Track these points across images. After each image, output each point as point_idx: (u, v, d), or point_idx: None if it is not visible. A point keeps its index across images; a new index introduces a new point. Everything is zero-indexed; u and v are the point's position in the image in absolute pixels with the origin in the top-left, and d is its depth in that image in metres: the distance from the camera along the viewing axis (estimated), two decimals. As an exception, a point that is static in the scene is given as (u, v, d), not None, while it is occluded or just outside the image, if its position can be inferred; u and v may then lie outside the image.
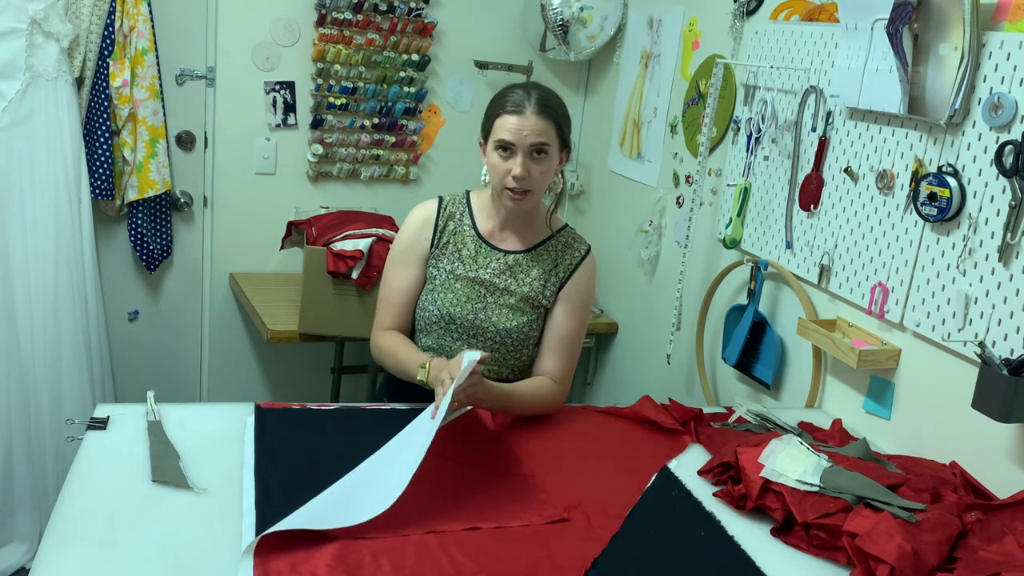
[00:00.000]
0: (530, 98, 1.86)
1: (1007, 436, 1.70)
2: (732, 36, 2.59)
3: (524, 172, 1.85)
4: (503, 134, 1.85)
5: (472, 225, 2.00)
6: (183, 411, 1.75)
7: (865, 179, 2.07)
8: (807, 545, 1.50)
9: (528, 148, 1.85)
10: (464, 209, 2.02)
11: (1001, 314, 1.71)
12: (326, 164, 3.23)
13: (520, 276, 1.98)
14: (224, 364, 3.30)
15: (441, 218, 2.00)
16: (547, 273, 1.98)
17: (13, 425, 2.64)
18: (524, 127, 1.84)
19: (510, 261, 1.98)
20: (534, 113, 1.85)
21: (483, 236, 2.00)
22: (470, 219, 2.01)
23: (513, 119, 1.85)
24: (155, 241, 3.05)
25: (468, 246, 1.99)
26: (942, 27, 1.79)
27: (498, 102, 1.90)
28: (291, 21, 3.07)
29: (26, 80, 2.53)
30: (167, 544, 1.33)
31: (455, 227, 2.00)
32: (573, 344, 2.00)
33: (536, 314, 1.99)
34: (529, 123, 1.84)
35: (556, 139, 1.88)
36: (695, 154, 2.71)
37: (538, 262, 1.99)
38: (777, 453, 1.63)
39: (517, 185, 1.87)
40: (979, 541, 1.47)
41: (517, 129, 1.84)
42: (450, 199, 2.03)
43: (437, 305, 1.96)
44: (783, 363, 2.35)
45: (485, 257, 1.98)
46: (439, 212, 2.01)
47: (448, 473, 1.64)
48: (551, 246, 2.01)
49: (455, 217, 2.01)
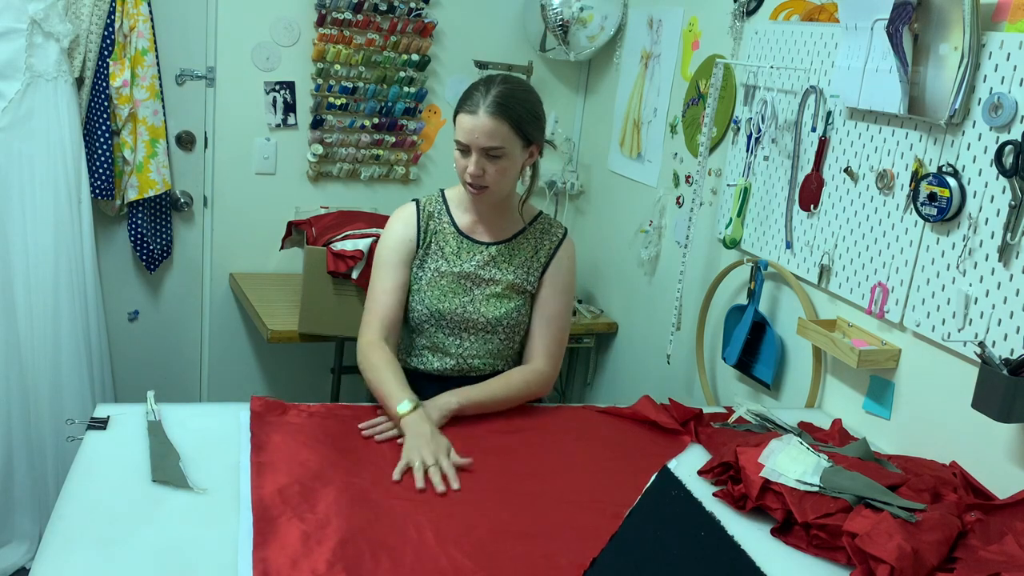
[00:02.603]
0: (486, 98, 1.86)
1: (1007, 436, 1.70)
2: (732, 36, 2.59)
3: (478, 171, 1.89)
4: (458, 134, 1.89)
5: (451, 221, 2.03)
6: (183, 411, 1.75)
7: (865, 179, 2.07)
8: (807, 545, 1.50)
9: (480, 149, 1.87)
10: (441, 207, 2.05)
11: (1001, 314, 1.71)
12: (326, 164, 3.23)
13: (503, 265, 2.00)
14: (224, 364, 3.30)
15: (421, 219, 2.02)
16: (529, 260, 2.03)
17: (13, 425, 2.64)
18: (475, 128, 1.86)
19: (492, 252, 2.01)
20: (487, 114, 1.85)
21: (462, 231, 2.02)
22: (448, 216, 2.03)
23: (467, 119, 1.87)
24: (155, 241, 3.05)
25: (450, 243, 2.01)
26: (942, 27, 1.79)
27: (461, 98, 1.92)
28: (291, 21, 3.07)
29: (26, 80, 2.53)
30: (167, 544, 1.33)
31: (435, 226, 2.02)
32: (560, 323, 2.04)
33: (523, 299, 2.02)
34: (480, 124, 1.85)
35: (513, 138, 1.89)
36: (695, 154, 2.70)
37: (519, 250, 2.03)
38: (777, 453, 1.63)
39: (472, 182, 1.91)
40: (979, 541, 1.47)
41: (469, 130, 1.87)
42: (426, 200, 2.06)
43: (425, 304, 1.98)
44: (783, 363, 2.35)
45: (468, 251, 2.00)
46: (419, 214, 2.02)
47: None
48: (529, 234, 2.05)
49: (434, 216, 2.03)
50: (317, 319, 2.74)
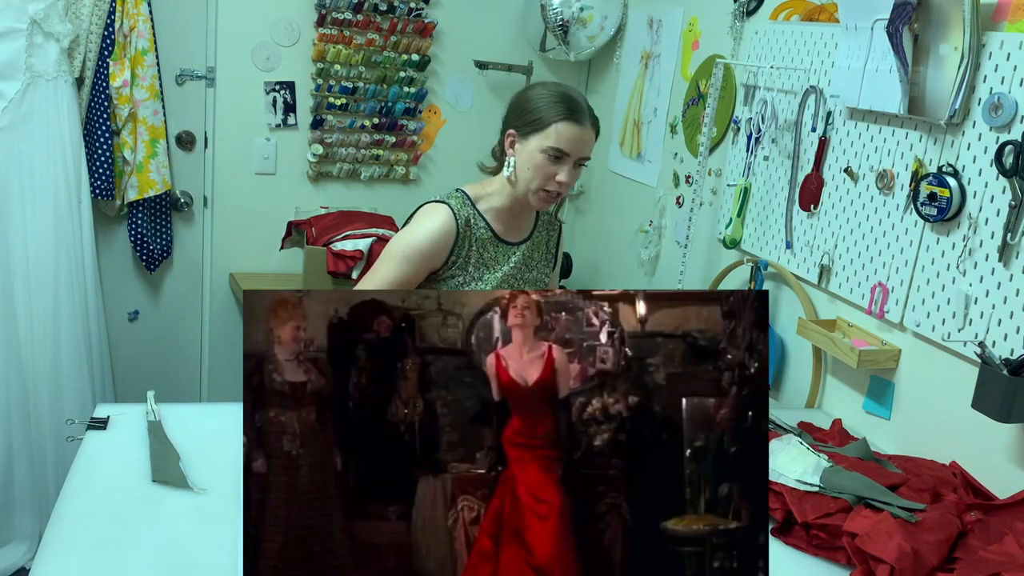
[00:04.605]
0: (584, 109, 1.88)
1: (1007, 436, 1.70)
2: (732, 36, 2.59)
3: (571, 181, 1.88)
4: (561, 142, 1.84)
5: (487, 227, 1.96)
6: (183, 411, 1.75)
7: (865, 179, 2.07)
8: (807, 545, 1.50)
9: (578, 158, 1.88)
10: (472, 211, 1.95)
11: (1001, 314, 1.71)
12: (326, 164, 3.23)
13: (531, 263, 2.06)
14: (224, 364, 3.30)
15: (460, 227, 1.91)
16: (544, 253, 2.10)
17: (13, 425, 2.64)
18: (582, 139, 1.86)
19: (523, 251, 2.04)
20: (591, 126, 1.88)
21: (499, 236, 1.99)
22: (483, 221, 1.96)
23: (575, 129, 1.85)
24: (155, 241, 3.05)
25: (488, 249, 1.97)
26: (942, 27, 1.79)
27: (555, 106, 1.85)
28: (291, 21, 3.07)
29: (26, 80, 2.53)
30: (167, 544, 1.33)
31: (473, 233, 1.94)
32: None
33: None
34: (586, 135, 1.87)
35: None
36: (695, 154, 2.71)
37: (537, 246, 2.08)
38: (777, 453, 1.63)
39: (560, 192, 1.90)
40: (979, 541, 1.47)
41: (577, 140, 1.85)
42: (457, 204, 1.93)
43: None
44: (783, 363, 2.35)
45: (504, 255, 2.01)
46: (457, 224, 1.91)
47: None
48: (540, 227, 2.10)
49: (470, 222, 1.94)
50: (317, 319, 2.74)
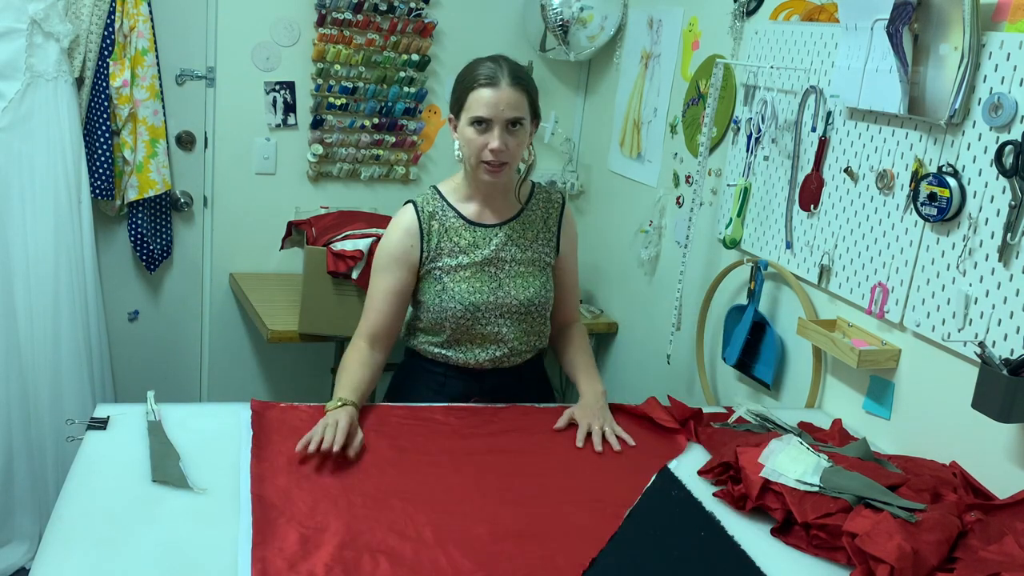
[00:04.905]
0: (503, 70, 1.86)
1: (1007, 436, 1.70)
2: (732, 36, 2.59)
3: (502, 145, 1.86)
4: (479, 109, 1.85)
5: (457, 214, 1.99)
6: (183, 411, 1.75)
7: (865, 179, 2.07)
8: (807, 545, 1.50)
9: (504, 121, 1.85)
10: (440, 203, 2.00)
11: (1001, 314, 1.71)
12: (326, 164, 3.23)
13: (519, 242, 2.02)
14: (224, 364, 3.30)
15: (423, 221, 1.98)
16: (541, 231, 2.06)
17: (13, 425, 2.64)
18: (500, 100, 1.84)
19: (505, 232, 2.01)
20: (508, 85, 1.85)
21: (471, 220, 2.00)
22: (452, 210, 2.00)
23: (488, 92, 1.84)
24: (155, 241, 3.05)
25: (463, 235, 1.98)
26: (942, 27, 1.79)
27: (469, 76, 1.89)
28: (291, 21, 3.07)
29: (26, 80, 2.53)
30: (167, 544, 1.33)
31: (440, 224, 1.98)
32: (576, 283, 2.21)
33: (546, 275, 2.05)
34: (504, 96, 1.84)
35: (528, 110, 1.90)
36: (695, 154, 2.70)
37: (529, 224, 2.04)
38: (777, 453, 1.63)
39: (495, 159, 1.87)
40: (979, 541, 1.47)
41: (493, 103, 1.84)
42: (422, 200, 2.01)
43: (456, 300, 1.96)
44: (783, 363, 2.35)
45: (483, 238, 1.99)
46: (419, 218, 1.98)
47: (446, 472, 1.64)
48: (533, 206, 2.06)
49: (436, 215, 1.99)
50: (317, 319, 2.74)
